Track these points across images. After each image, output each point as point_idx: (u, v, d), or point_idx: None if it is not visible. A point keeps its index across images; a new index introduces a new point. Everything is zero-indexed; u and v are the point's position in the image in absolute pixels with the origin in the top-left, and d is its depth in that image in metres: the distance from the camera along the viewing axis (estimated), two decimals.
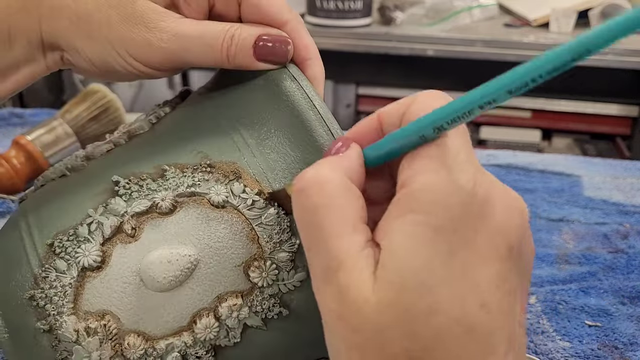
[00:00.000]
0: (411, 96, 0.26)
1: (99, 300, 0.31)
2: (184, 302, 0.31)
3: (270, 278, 0.31)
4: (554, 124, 1.61)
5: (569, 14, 1.49)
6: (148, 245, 0.31)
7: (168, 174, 0.32)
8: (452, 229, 0.23)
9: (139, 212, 0.32)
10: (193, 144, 0.34)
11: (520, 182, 0.84)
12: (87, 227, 0.32)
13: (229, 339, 0.32)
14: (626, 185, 0.84)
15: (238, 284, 0.31)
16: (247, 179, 0.32)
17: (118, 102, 0.75)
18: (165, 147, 0.34)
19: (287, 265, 0.31)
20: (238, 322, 0.31)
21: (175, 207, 0.32)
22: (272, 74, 0.33)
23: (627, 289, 0.61)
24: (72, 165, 0.36)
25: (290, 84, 0.33)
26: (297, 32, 0.34)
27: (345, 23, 1.49)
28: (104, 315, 0.31)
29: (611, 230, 0.72)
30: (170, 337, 0.31)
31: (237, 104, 0.34)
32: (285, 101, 0.33)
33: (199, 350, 0.31)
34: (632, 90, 1.50)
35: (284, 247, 0.31)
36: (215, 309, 0.31)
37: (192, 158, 0.33)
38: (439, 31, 1.50)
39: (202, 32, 0.32)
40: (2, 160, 0.66)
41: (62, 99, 1.68)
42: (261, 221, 0.32)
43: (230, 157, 0.33)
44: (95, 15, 0.32)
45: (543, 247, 0.68)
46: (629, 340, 0.54)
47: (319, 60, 0.35)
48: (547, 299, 0.59)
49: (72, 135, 0.72)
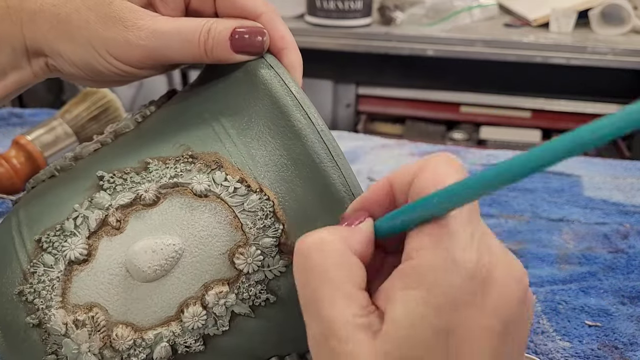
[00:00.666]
0: (422, 161, 0.27)
1: (86, 293, 0.31)
2: (171, 292, 0.32)
3: (255, 264, 0.32)
4: (554, 124, 1.61)
5: (569, 14, 1.49)
6: (133, 237, 0.32)
7: (151, 166, 0.33)
8: (452, 308, 0.24)
9: (123, 204, 0.32)
10: (176, 137, 0.34)
11: (520, 182, 0.84)
12: (73, 222, 0.32)
13: (217, 327, 0.32)
14: (626, 185, 0.84)
15: (224, 272, 0.32)
16: (229, 167, 0.33)
17: (118, 102, 0.75)
18: (149, 142, 0.35)
19: (272, 250, 0.32)
20: (225, 310, 0.32)
21: (158, 198, 0.32)
22: (250, 64, 0.34)
23: (627, 289, 0.61)
24: (61, 166, 0.36)
25: (266, 72, 0.33)
26: (272, 23, 0.35)
27: (345, 23, 1.49)
28: (92, 308, 0.31)
29: (611, 230, 0.72)
30: (158, 327, 0.31)
31: (219, 97, 0.35)
32: (263, 90, 0.33)
33: (188, 339, 0.32)
34: (632, 90, 1.50)
35: (267, 232, 0.32)
36: (202, 297, 0.31)
37: (174, 151, 0.34)
38: (439, 31, 1.50)
39: (179, 27, 0.33)
40: (2, 160, 0.66)
41: (62, 99, 1.68)
42: (244, 208, 0.32)
43: (212, 148, 0.33)
44: (75, 17, 0.33)
45: (543, 247, 0.68)
46: (629, 340, 0.54)
47: (296, 49, 0.36)
48: (547, 299, 0.59)
49: (72, 135, 0.72)
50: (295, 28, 1.52)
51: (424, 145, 0.96)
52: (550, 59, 1.42)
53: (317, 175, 0.32)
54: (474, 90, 1.60)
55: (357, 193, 0.31)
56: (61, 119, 0.72)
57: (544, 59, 1.43)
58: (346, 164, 0.32)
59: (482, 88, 1.59)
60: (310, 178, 0.32)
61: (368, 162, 0.89)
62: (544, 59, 1.43)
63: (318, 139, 0.32)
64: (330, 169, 0.32)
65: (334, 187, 0.32)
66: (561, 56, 1.42)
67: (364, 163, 0.88)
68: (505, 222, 0.73)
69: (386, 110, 1.67)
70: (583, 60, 1.42)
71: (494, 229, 0.71)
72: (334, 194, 0.32)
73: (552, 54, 1.42)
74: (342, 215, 0.29)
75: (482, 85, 1.59)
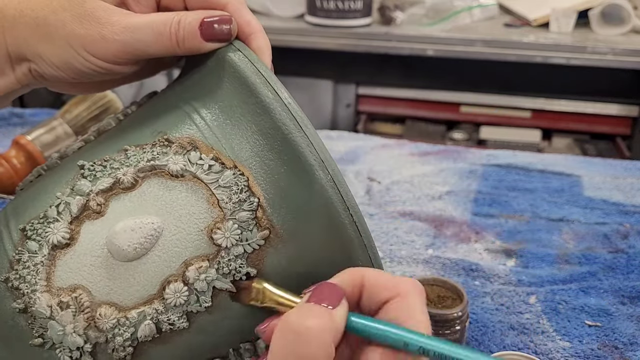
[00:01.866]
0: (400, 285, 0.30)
1: (70, 276, 0.32)
2: (152, 270, 0.32)
3: (233, 238, 0.33)
4: (554, 124, 1.61)
5: (569, 14, 1.49)
6: (114, 219, 0.33)
7: (129, 152, 0.35)
8: None
9: (103, 189, 0.34)
10: (153, 126, 0.36)
11: (520, 182, 0.84)
12: (56, 209, 0.34)
13: (199, 303, 0.32)
14: (626, 185, 0.84)
15: (203, 248, 0.33)
16: (203, 147, 0.34)
17: (118, 102, 0.75)
18: (128, 133, 0.36)
19: (249, 224, 0.33)
20: (207, 285, 0.32)
21: (137, 181, 0.34)
22: (220, 51, 0.36)
23: (627, 289, 0.61)
24: (48, 165, 0.38)
25: (235, 55, 0.35)
26: (238, 11, 0.37)
27: (345, 23, 1.49)
28: (76, 289, 0.32)
29: (611, 230, 0.72)
30: (141, 306, 0.32)
31: (193, 85, 0.37)
32: (232, 73, 0.35)
33: (171, 316, 0.32)
34: (632, 90, 1.50)
35: (243, 206, 0.33)
36: (183, 274, 0.32)
37: (152, 138, 0.35)
38: (439, 31, 1.50)
39: (151, 21, 0.35)
40: (2, 160, 0.66)
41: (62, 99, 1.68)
42: (219, 184, 0.33)
43: (186, 132, 0.35)
44: (52, 19, 0.35)
45: (543, 247, 0.68)
46: (629, 340, 0.54)
47: (263, 34, 0.38)
48: (547, 299, 0.59)
49: (72, 135, 0.72)
50: (295, 28, 1.52)
51: (424, 145, 0.96)
52: (550, 59, 1.42)
53: (287, 146, 0.33)
54: (474, 90, 1.60)
55: (325, 158, 0.32)
56: (61, 119, 0.72)
57: (544, 59, 1.43)
58: (314, 132, 0.33)
59: (482, 88, 1.59)
60: (281, 150, 0.33)
61: (368, 162, 0.89)
62: (544, 59, 1.43)
63: (285, 111, 0.33)
64: (299, 138, 0.33)
65: (303, 155, 0.32)
66: (561, 56, 1.42)
67: (364, 163, 0.89)
68: (505, 222, 0.73)
69: (386, 110, 1.68)
70: (583, 60, 1.42)
71: (494, 229, 0.71)
72: (305, 163, 0.32)
73: (552, 54, 1.42)
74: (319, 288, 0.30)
75: (482, 85, 1.59)
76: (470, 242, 0.69)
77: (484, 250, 0.67)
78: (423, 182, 0.83)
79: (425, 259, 0.65)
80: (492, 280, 0.62)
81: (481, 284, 0.61)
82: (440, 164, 0.88)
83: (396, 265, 0.64)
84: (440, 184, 0.82)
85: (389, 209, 0.75)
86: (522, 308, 0.58)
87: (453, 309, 0.48)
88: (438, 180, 0.83)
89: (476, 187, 0.82)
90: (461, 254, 0.66)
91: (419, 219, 0.73)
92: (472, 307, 0.57)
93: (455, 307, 0.49)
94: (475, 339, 0.54)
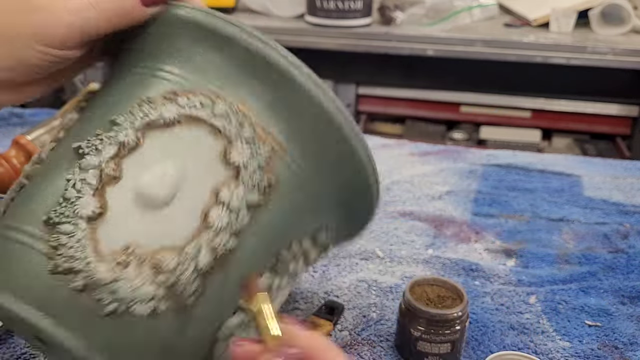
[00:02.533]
0: None
1: (115, 240, 0.33)
2: (188, 206, 0.35)
3: (246, 154, 0.36)
4: (554, 124, 1.61)
5: (569, 14, 1.49)
6: (132, 178, 0.35)
7: (119, 120, 0.36)
8: None
9: (111, 155, 0.35)
10: (129, 97, 0.37)
11: (520, 182, 0.84)
12: (73, 189, 0.34)
13: (238, 220, 0.36)
14: (626, 185, 0.84)
15: (225, 173, 0.36)
16: (186, 93, 0.37)
17: None
18: (103, 110, 0.38)
19: (253, 140, 0.37)
20: (241, 201, 0.36)
21: (139, 139, 0.36)
22: (162, 15, 0.39)
23: (627, 289, 0.61)
24: (27, 174, 0.39)
25: (174, 9, 0.39)
26: None
27: (345, 23, 1.49)
28: (127, 248, 0.33)
29: (611, 230, 0.72)
30: (192, 241, 0.34)
31: (152, 51, 0.39)
32: (179, 25, 0.38)
33: (222, 238, 0.35)
34: (632, 90, 1.50)
35: (244, 127, 0.37)
36: (216, 199, 0.35)
37: (132, 105, 0.37)
38: (439, 31, 1.50)
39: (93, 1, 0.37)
40: (2, 160, 0.66)
41: (62, 99, 1.68)
42: (215, 114, 0.36)
43: (164, 90, 0.37)
44: (1, 19, 0.36)
45: (543, 247, 0.68)
46: (629, 340, 0.54)
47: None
48: (547, 299, 0.59)
49: None
50: (295, 28, 1.52)
51: (424, 145, 0.96)
52: (550, 58, 1.42)
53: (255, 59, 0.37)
54: (474, 90, 1.60)
55: (294, 61, 0.38)
56: (61, 119, 0.72)
57: (544, 59, 1.43)
58: (272, 40, 0.38)
59: (482, 88, 1.59)
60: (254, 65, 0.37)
61: None
62: (544, 59, 1.43)
63: (239, 31, 0.37)
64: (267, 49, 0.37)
65: (275, 61, 0.37)
66: (561, 56, 1.42)
67: None
68: (505, 222, 0.73)
69: (386, 110, 1.68)
70: (583, 60, 1.42)
71: (494, 229, 0.71)
72: (276, 68, 0.37)
73: (552, 54, 1.42)
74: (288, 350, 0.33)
75: (482, 85, 1.59)
76: (470, 242, 0.69)
77: (484, 250, 0.67)
78: (423, 182, 0.83)
79: (425, 259, 0.65)
80: (492, 280, 0.62)
81: (481, 284, 0.61)
82: (440, 164, 0.88)
83: (396, 265, 0.64)
84: (440, 184, 0.82)
85: (389, 208, 0.75)
86: (522, 308, 0.58)
87: (453, 309, 0.48)
88: (438, 180, 0.83)
89: (476, 187, 0.82)
90: (461, 254, 0.66)
91: (419, 219, 0.73)
92: (472, 307, 0.57)
93: (455, 307, 0.49)
94: (475, 339, 0.54)
